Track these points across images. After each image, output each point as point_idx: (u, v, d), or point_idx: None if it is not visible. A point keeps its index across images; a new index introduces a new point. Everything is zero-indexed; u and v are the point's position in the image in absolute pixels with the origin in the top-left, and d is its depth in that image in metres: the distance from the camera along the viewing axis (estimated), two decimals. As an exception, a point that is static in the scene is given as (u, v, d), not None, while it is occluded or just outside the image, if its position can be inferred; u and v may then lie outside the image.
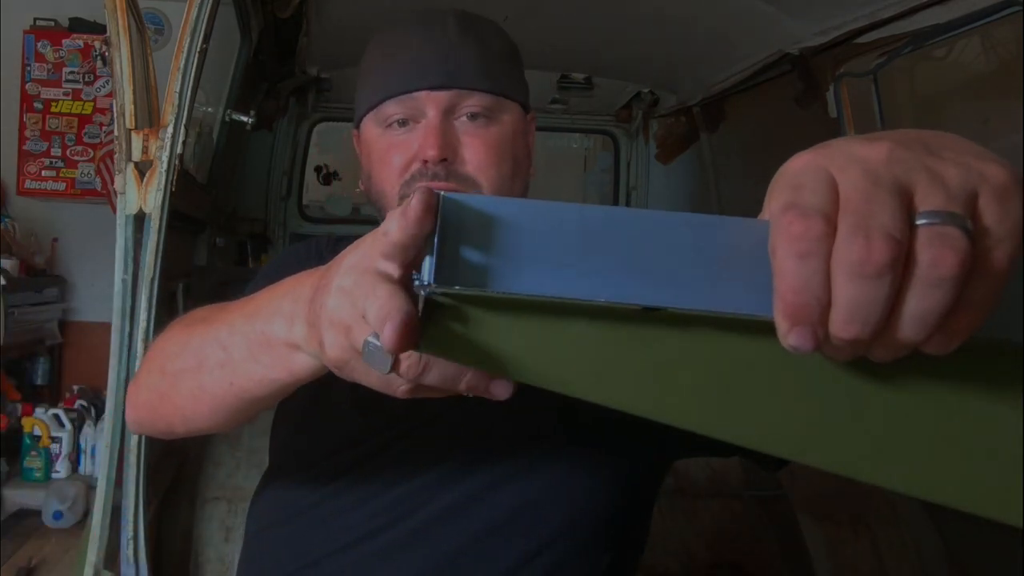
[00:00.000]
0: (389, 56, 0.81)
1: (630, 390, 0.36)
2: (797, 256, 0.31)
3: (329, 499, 0.78)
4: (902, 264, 0.30)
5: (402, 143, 0.79)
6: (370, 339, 0.43)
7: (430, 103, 0.78)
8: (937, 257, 0.30)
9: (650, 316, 0.35)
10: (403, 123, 0.80)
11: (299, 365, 0.54)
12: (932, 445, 0.35)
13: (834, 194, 0.32)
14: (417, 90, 0.78)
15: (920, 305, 0.30)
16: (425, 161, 0.77)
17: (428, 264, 0.36)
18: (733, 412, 0.36)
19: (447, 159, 0.77)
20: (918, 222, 0.30)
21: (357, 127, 0.87)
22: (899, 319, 0.31)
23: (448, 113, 0.78)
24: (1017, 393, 0.34)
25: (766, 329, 0.33)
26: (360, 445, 0.79)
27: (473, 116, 0.79)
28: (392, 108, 0.79)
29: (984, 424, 0.35)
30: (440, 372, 0.44)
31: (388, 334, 0.38)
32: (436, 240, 0.36)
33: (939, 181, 0.31)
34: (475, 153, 0.78)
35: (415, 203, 0.37)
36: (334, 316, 0.46)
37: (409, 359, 0.43)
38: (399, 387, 0.46)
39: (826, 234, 0.31)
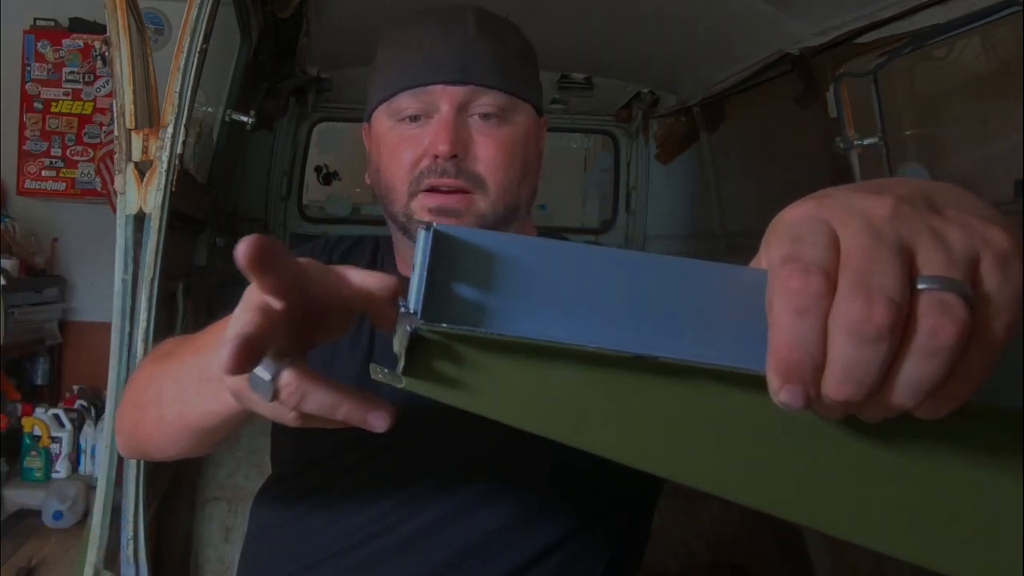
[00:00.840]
0: (405, 49, 0.80)
1: (615, 437, 0.35)
2: (794, 312, 0.30)
3: (325, 504, 0.78)
4: (901, 328, 0.30)
5: (413, 137, 0.79)
6: (255, 369, 0.44)
7: (444, 98, 0.77)
8: (936, 326, 0.29)
9: (640, 364, 0.34)
10: (415, 118, 0.79)
11: (228, 397, 0.54)
12: (921, 509, 0.34)
13: (835, 249, 0.31)
14: (432, 84, 0.77)
15: (916, 372, 0.30)
16: (436, 156, 0.76)
17: (415, 293, 0.35)
18: (720, 465, 0.35)
19: (458, 155, 0.76)
20: (919, 286, 0.30)
21: (368, 120, 0.86)
22: (893, 383, 0.30)
23: (462, 109, 0.78)
24: (1014, 462, 0.33)
25: (757, 383, 0.32)
26: (355, 451, 0.79)
27: (486, 115, 0.78)
28: (406, 101, 0.79)
29: (977, 490, 0.34)
30: (317, 401, 0.45)
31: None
32: (426, 273, 0.34)
33: (942, 243, 0.31)
34: (486, 152, 0.77)
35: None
36: None
37: (287, 387, 0.44)
38: (287, 416, 0.47)
39: (826, 291, 0.30)
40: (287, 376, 0.44)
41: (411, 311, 0.34)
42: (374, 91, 0.84)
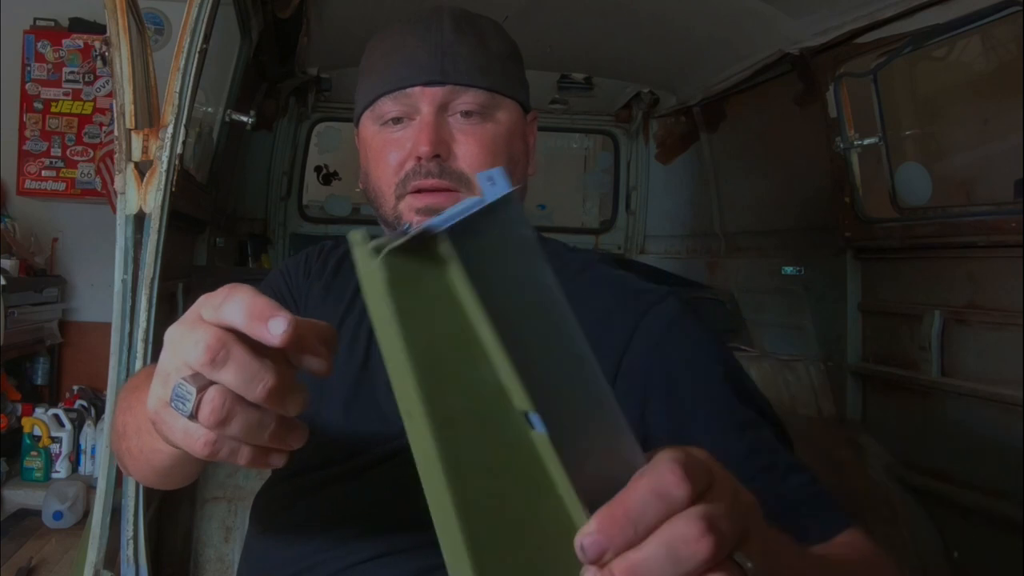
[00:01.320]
0: (386, 54, 0.81)
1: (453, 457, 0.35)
2: (655, 493, 0.34)
3: (318, 508, 0.78)
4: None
5: (397, 140, 0.79)
6: (181, 380, 0.44)
7: (424, 99, 0.78)
8: None
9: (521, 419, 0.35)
10: (398, 120, 0.80)
11: None
12: None
13: (710, 478, 0.36)
14: (411, 86, 0.78)
15: None
16: (419, 158, 0.77)
17: (457, 213, 0.34)
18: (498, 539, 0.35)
19: (440, 155, 0.77)
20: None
21: (357, 125, 0.87)
22: None
23: (442, 110, 0.78)
24: None
25: (573, 508, 0.34)
26: (354, 458, 0.79)
27: (467, 113, 0.78)
28: (387, 105, 0.80)
29: None
30: (244, 420, 0.44)
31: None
32: (475, 212, 0.34)
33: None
34: (468, 150, 0.78)
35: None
36: (160, 369, 0.46)
37: (212, 402, 0.43)
38: (198, 440, 0.45)
39: (687, 501, 0.34)
40: (213, 391, 0.43)
41: (441, 224, 0.34)
42: (359, 97, 0.85)
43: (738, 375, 0.75)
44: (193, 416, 0.44)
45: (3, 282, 2.83)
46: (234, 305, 0.43)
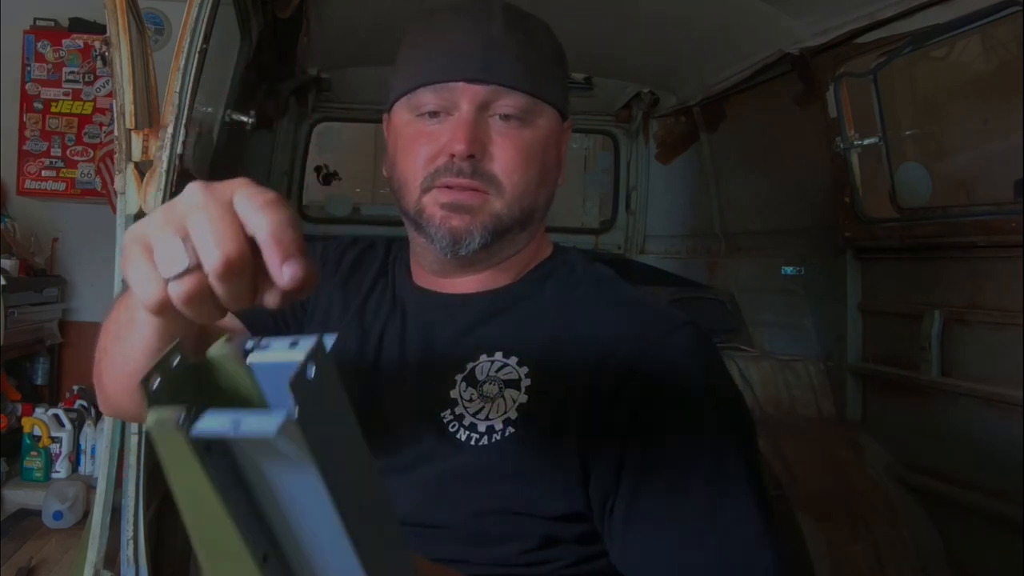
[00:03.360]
0: (429, 42, 0.78)
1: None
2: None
3: None
4: None
5: (431, 134, 0.76)
6: (179, 240, 0.43)
7: (465, 96, 0.75)
8: None
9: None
10: (434, 114, 0.77)
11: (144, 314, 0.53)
12: None
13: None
14: (454, 80, 0.75)
15: None
16: (452, 155, 0.74)
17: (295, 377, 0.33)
18: None
19: (475, 156, 0.74)
20: None
21: (388, 111, 0.83)
22: None
23: (482, 108, 0.75)
24: None
25: None
26: None
27: (507, 116, 0.76)
28: (426, 97, 0.76)
29: None
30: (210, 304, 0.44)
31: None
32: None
33: None
34: (504, 154, 0.75)
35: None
36: (167, 210, 0.45)
37: (186, 288, 0.42)
38: (155, 288, 0.43)
39: None
40: (192, 280, 0.43)
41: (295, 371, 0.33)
42: (396, 83, 0.80)
43: (731, 426, 0.72)
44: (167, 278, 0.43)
45: (3, 282, 2.84)
46: (269, 221, 0.43)
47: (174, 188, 1.25)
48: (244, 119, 2.08)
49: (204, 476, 0.32)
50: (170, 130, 1.24)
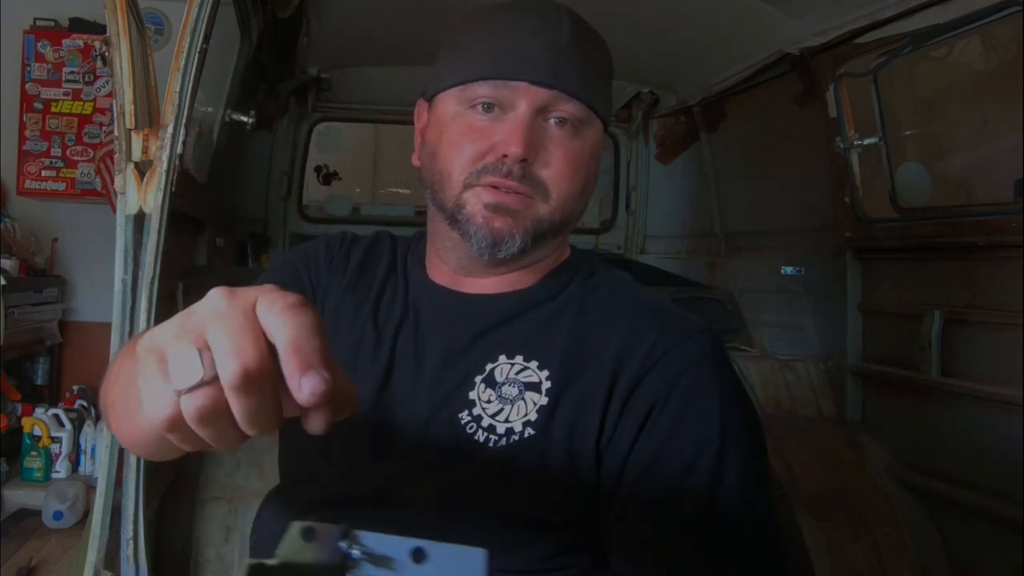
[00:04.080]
0: (493, 35, 0.76)
1: None
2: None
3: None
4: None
5: (483, 130, 0.75)
6: (194, 350, 0.40)
7: (527, 96, 0.73)
8: None
9: None
10: (489, 108, 0.75)
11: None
12: None
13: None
14: (518, 79, 0.73)
15: None
16: (504, 156, 0.73)
17: None
18: None
19: (527, 159, 0.73)
20: None
21: (428, 99, 0.82)
22: None
23: (540, 112, 0.74)
24: None
25: None
26: (347, 484, 0.76)
27: (563, 122, 0.75)
28: (483, 90, 0.74)
29: None
30: (222, 426, 0.40)
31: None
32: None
33: None
34: (557, 161, 0.75)
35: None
36: (186, 319, 0.42)
37: (200, 403, 0.39)
38: (167, 408, 0.40)
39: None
40: (208, 394, 0.39)
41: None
42: (446, 72, 0.78)
43: (738, 429, 0.71)
44: (180, 391, 0.39)
45: (3, 282, 2.83)
46: (289, 326, 0.40)
47: (174, 188, 1.25)
48: (244, 119, 2.08)
49: None
50: (170, 130, 1.24)
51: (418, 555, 0.35)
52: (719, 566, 0.67)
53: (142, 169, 1.24)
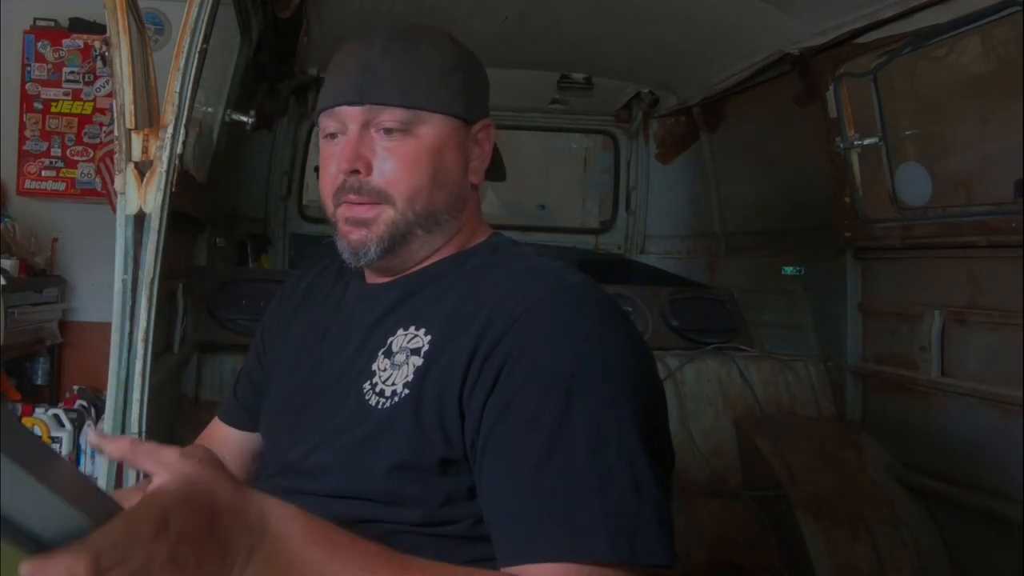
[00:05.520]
0: (330, 73, 0.88)
1: None
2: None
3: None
4: None
5: (332, 156, 0.85)
6: None
7: (349, 117, 0.83)
8: None
9: None
10: (333, 136, 0.86)
11: None
12: None
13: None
14: (338, 104, 0.84)
15: None
16: (344, 175, 0.82)
17: None
18: None
19: (359, 171, 0.81)
20: None
21: None
22: None
23: (365, 127, 0.82)
24: None
25: None
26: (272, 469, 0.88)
27: (388, 130, 0.82)
28: (325, 122, 0.86)
29: None
30: None
31: None
32: None
33: None
34: (386, 166, 0.82)
35: None
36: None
37: None
38: None
39: None
40: None
41: None
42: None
43: (582, 396, 0.71)
44: None
45: (3, 282, 2.83)
46: None
47: (174, 188, 1.25)
48: (244, 119, 2.08)
49: None
50: (170, 130, 1.24)
51: None
52: (549, 514, 0.68)
53: (142, 169, 1.24)
